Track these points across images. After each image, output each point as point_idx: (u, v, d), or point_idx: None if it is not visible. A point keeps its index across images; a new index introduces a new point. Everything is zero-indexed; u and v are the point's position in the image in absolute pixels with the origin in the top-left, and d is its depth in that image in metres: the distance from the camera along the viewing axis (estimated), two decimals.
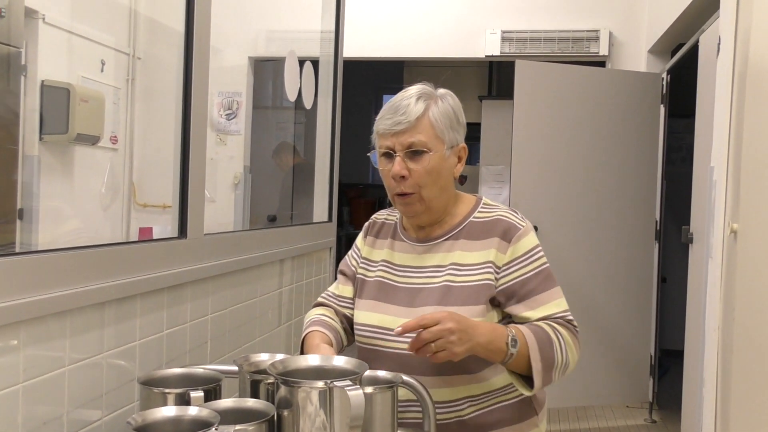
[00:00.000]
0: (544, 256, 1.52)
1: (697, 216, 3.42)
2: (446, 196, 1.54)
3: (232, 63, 4.89)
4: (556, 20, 4.86)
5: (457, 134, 1.52)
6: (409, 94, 1.51)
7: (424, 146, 1.47)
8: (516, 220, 1.53)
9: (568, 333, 1.47)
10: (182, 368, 1.50)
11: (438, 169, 1.49)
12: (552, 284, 1.50)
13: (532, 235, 1.53)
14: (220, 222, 3.82)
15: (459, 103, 1.56)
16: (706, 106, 3.30)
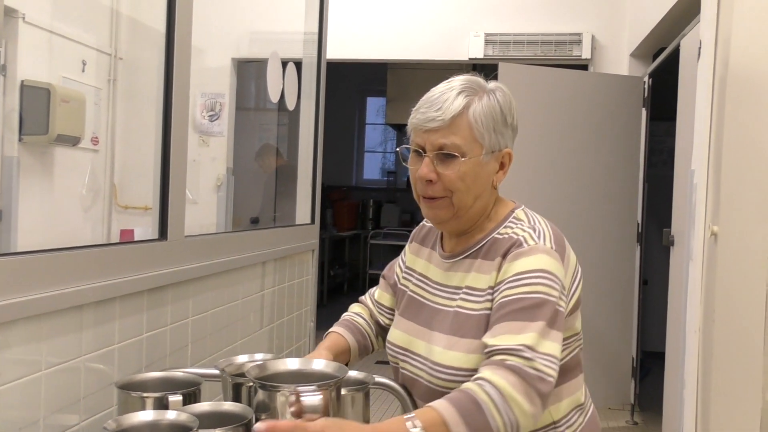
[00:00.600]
0: (545, 285, 1.23)
1: (678, 219, 3.44)
2: (480, 206, 1.34)
3: (214, 64, 4.87)
4: (539, 23, 4.88)
5: (500, 137, 1.32)
6: (451, 86, 1.31)
7: (457, 150, 1.28)
8: (527, 236, 1.29)
9: (510, 382, 1.13)
10: (161, 372, 1.49)
11: (472, 175, 1.30)
12: (532, 316, 1.20)
13: (539, 258, 1.25)
14: (203, 224, 3.80)
15: (511, 100, 1.35)
16: (687, 109, 3.32)
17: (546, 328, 1.19)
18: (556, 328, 1.21)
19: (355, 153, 9.69)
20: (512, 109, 1.34)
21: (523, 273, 1.24)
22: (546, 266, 1.24)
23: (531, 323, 1.19)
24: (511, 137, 1.36)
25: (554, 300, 1.22)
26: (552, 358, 1.18)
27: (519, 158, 4.12)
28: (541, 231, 1.30)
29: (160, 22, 1.77)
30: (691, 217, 2.86)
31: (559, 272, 1.25)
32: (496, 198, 1.39)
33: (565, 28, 4.83)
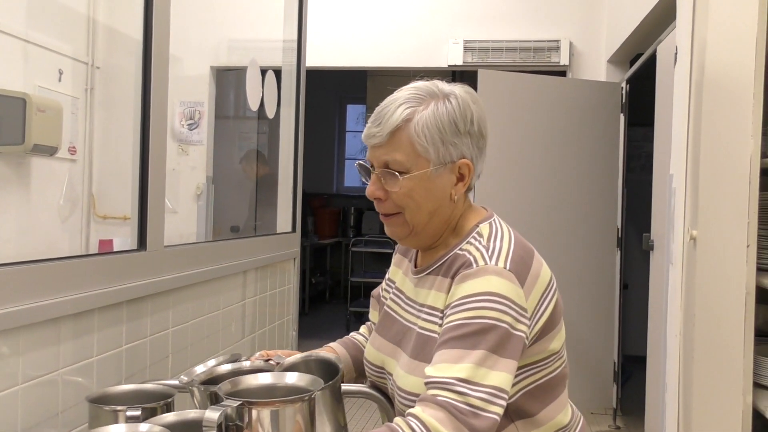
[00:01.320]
0: (492, 309, 1.11)
1: (657, 223, 3.47)
2: (439, 221, 1.26)
3: (193, 72, 4.84)
4: (517, 30, 4.91)
5: (452, 148, 1.22)
6: (395, 97, 1.24)
7: (400, 167, 1.21)
8: (478, 256, 1.18)
9: (438, 419, 1.04)
10: (136, 384, 1.46)
11: (422, 191, 1.22)
12: (473, 344, 1.09)
13: (487, 280, 1.14)
14: (183, 233, 3.76)
15: (468, 105, 1.24)
16: (665, 114, 3.35)
17: (489, 356, 1.08)
18: (507, 355, 1.10)
19: (336, 160, 9.68)
20: (471, 115, 1.23)
21: (467, 297, 1.13)
22: (495, 288, 1.13)
23: (471, 352, 1.08)
24: (471, 144, 1.24)
25: (505, 325, 1.10)
26: (493, 391, 1.07)
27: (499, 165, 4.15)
28: (497, 249, 1.18)
29: (138, 31, 1.75)
30: (670, 222, 2.88)
31: (512, 294, 1.13)
32: (465, 209, 1.30)
33: (544, 35, 4.87)
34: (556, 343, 1.26)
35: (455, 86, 1.27)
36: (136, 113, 1.74)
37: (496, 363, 1.09)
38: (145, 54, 1.69)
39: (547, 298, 1.21)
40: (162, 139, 1.73)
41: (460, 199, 1.27)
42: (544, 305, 1.20)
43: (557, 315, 1.25)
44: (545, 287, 1.21)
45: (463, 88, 1.26)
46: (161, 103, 1.73)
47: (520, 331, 1.13)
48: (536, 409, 1.24)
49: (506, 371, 1.10)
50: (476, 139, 1.26)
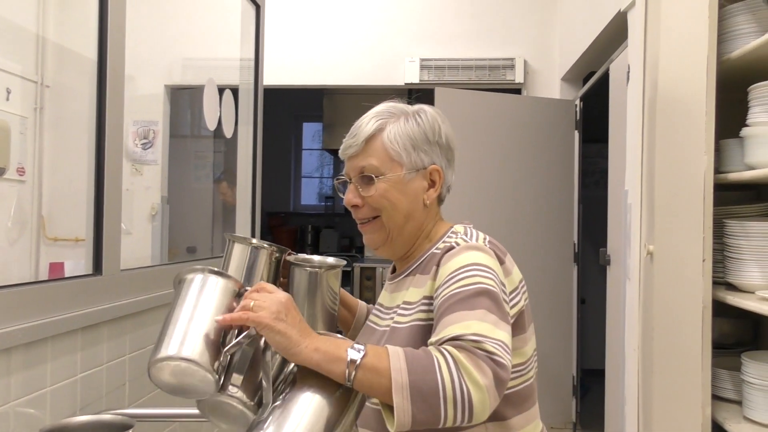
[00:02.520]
0: (479, 275, 1.16)
1: (613, 238, 3.52)
2: (414, 226, 1.34)
3: (147, 91, 4.77)
4: (473, 49, 4.96)
5: (423, 155, 1.32)
6: (367, 114, 1.36)
7: (374, 171, 1.30)
8: (459, 240, 1.27)
9: (466, 355, 1.04)
10: (92, 415, 1.41)
11: (396, 193, 1.31)
12: (472, 305, 1.11)
13: (470, 254, 1.21)
14: (137, 256, 3.67)
15: (436, 120, 1.35)
16: (618, 131, 3.41)
17: (489, 314, 1.11)
18: (503, 318, 1.13)
19: (293, 179, 9.62)
20: (438, 128, 1.35)
21: (454, 271, 1.18)
22: (479, 260, 1.20)
23: (471, 311, 1.10)
24: (441, 154, 1.35)
25: (494, 290, 1.15)
26: (501, 343, 1.08)
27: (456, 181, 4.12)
28: (475, 236, 1.30)
29: (90, 49, 1.71)
30: (626, 237, 2.92)
31: (494, 266, 1.21)
32: (437, 219, 1.39)
33: (499, 53, 4.93)
34: (528, 347, 1.31)
35: (424, 106, 1.38)
36: (90, 133, 1.69)
37: (498, 323, 1.12)
38: (100, 73, 1.65)
39: (518, 295, 1.28)
40: (118, 159, 1.69)
41: (432, 206, 1.37)
42: (516, 298, 1.27)
43: (526, 317, 1.31)
44: (517, 284, 1.29)
45: (431, 108, 1.38)
46: (117, 123, 1.68)
47: (505, 299, 1.20)
48: (510, 414, 1.26)
49: (505, 330, 1.13)
50: (445, 150, 1.36)
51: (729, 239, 2.04)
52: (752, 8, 2.04)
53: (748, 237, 1.97)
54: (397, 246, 1.36)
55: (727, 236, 2.05)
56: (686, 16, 2.16)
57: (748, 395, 1.92)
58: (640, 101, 2.62)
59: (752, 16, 2.04)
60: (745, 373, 1.93)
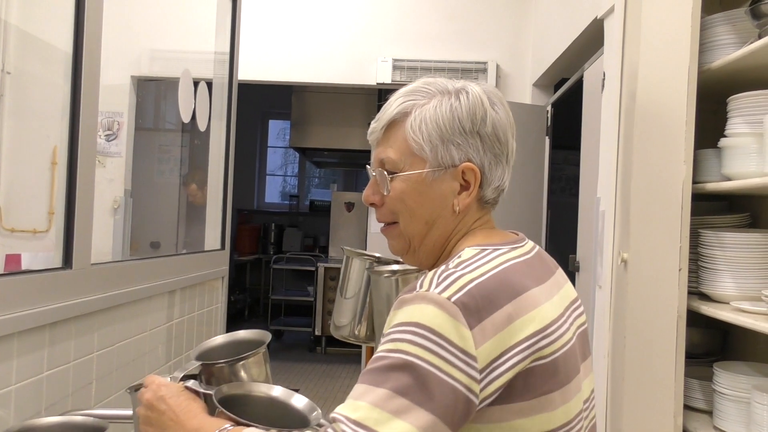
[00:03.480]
0: (411, 342, 0.89)
1: (583, 245, 3.54)
2: (439, 234, 1.09)
3: (112, 81, 4.66)
4: (446, 51, 4.96)
5: (456, 149, 1.05)
6: (398, 91, 1.11)
7: (393, 166, 1.07)
8: (427, 280, 0.95)
9: None
10: (63, 416, 1.35)
11: (415, 195, 1.07)
12: (379, 381, 0.88)
13: (419, 308, 0.91)
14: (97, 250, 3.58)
15: (481, 105, 1.06)
16: (591, 138, 3.43)
17: (394, 398, 0.86)
18: (424, 405, 0.86)
19: (257, 176, 9.53)
20: (483, 114, 1.06)
21: (393, 326, 0.92)
22: (424, 320, 0.90)
23: (374, 389, 0.87)
24: (483, 148, 1.07)
25: (426, 366, 0.87)
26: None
27: None
28: (456, 277, 0.95)
29: (56, 37, 1.65)
30: (598, 244, 2.93)
31: (448, 330, 0.89)
32: (476, 228, 1.11)
33: (471, 56, 4.93)
34: (530, 424, 0.95)
35: (474, 84, 1.10)
36: (61, 124, 1.62)
37: (405, 411, 0.85)
38: (75, 64, 1.58)
39: (519, 355, 0.93)
40: (91, 152, 1.63)
41: (468, 213, 1.10)
42: (511, 361, 0.92)
43: (538, 386, 0.95)
44: (520, 340, 0.93)
45: (481, 87, 1.10)
46: (91, 114, 1.62)
47: (455, 380, 0.88)
48: None
49: (417, 425, 0.85)
50: (490, 143, 1.07)
51: (704, 249, 2.05)
52: (732, 19, 2.06)
53: (723, 247, 1.98)
54: (422, 257, 1.12)
55: (702, 246, 2.06)
56: (667, 24, 2.18)
57: (718, 405, 1.93)
58: (615, 109, 2.63)
59: (732, 27, 2.06)
60: (717, 383, 1.94)
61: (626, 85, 2.58)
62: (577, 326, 1.10)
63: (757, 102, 1.89)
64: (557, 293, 1.07)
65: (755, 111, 1.89)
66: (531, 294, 0.97)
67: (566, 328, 1.02)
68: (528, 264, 1.05)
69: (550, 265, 1.14)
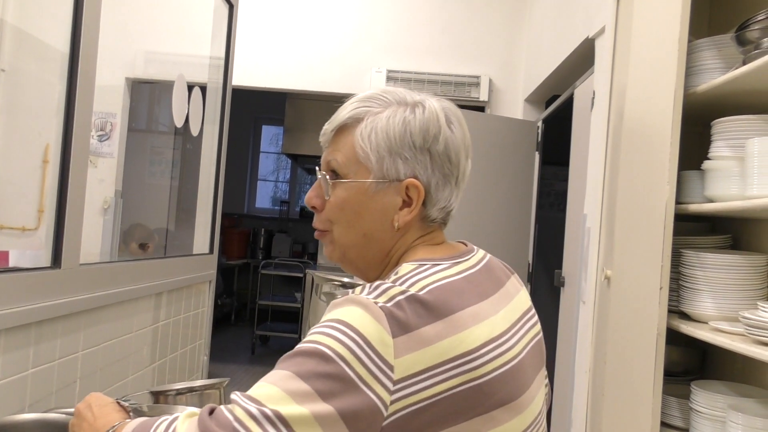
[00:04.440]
0: (329, 334, 0.85)
1: (569, 260, 3.57)
2: (378, 249, 1.05)
3: (106, 82, 4.67)
4: (440, 64, 5.00)
5: (401, 163, 1.01)
6: (355, 96, 1.08)
7: (338, 169, 1.04)
8: (361, 288, 0.93)
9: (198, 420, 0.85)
10: (38, 413, 1.36)
11: (355, 205, 1.03)
12: (287, 365, 0.85)
13: (346, 310, 0.88)
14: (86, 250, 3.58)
15: (436, 122, 1.03)
16: (579, 155, 3.47)
17: (293, 379, 0.82)
18: (319, 391, 0.82)
19: (249, 181, 9.54)
20: (434, 131, 1.02)
21: (320, 324, 0.89)
22: (347, 318, 0.87)
23: (277, 372, 0.85)
24: (432, 166, 1.02)
25: (341, 363, 0.83)
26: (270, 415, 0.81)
27: None
28: (387, 288, 0.91)
29: (54, 37, 1.67)
30: (583, 260, 2.97)
31: (371, 333, 0.85)
32: (417, 244, 1.06)
33: (465, 70, 4.97)
34: None
35: (434, 99, 1.07)
36: (54, 123, 1.64)
37: (304, 396, 0.81)
38: (72, 64, 1.60)
39: (443, 374, 0.87)
40: (84, 151, 1.65)
41: (409, 231, 1.05)
42: (433, 380, 0.86)
43: (474, 407, 0.89)
44: (450, 358, 0.88)
45: (441, 104, 1.07)
46: (85, 114, 1.64)
47: (365, 384, 0.83)
48: None
49: (314, 414, 0.81)
50: (440, 163, 1.03)
51: (685, 269, 2.08)
52: (718, 45, 2.10)
53: (703, 268, 2.01)
54: (361, 268, 1.08)
55: (683, 266, 2.09)
56: (655, 47, 2.22)
57: (695, 423, 1.96)
58: (604, 127, 2.67)
59: (718, 52, 2.10)
60: (694, 401, 1.97)
61: (614, 105, 2.62)
62: (531, 337, 1.08)
63: (739, 126, 1.93)
64: (506, 305, 1.04)
65: (738, 135, 1.92)
66: (466, 313, 0.93)
67: (516, 340, 1.00)
68: (469, 280, 1.00)
69: (500, 276, 1.11)
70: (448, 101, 1.09)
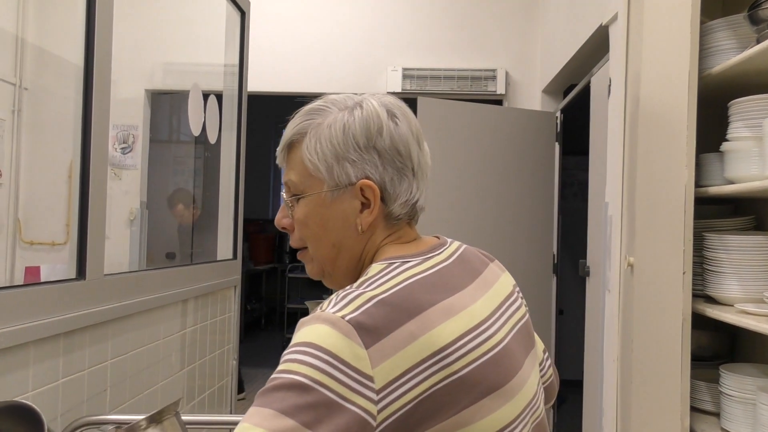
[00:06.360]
0: (301, 362, 0.83)
1: (593, 250, 3.55)
2: (349, 256, 1.05)
3: (127, 95, 4.74)
4: (455, 59, 5.00)
5: (350, 166, 1.01)
6: (302, 109, 1.07)
7: (295, 189, 1.04)
8: (329, 301, 0.91)
9: None
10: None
11: (317, 217, 1.03)
12: (266, 402, 0.82)
13: (313, 329, 0.86)
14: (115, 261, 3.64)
15: (376, 119, 1.02)
16: (599, 144, 3.45)
17: (277, 417, 0.80)
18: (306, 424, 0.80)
19: (272, 186, 9.61)
20: (375, 127, 1.02)
21: (289, 348, 0.88)
22: (316, 339, 0.85)
23: (260, 410, 0.82)
24: (382, 163, 1.02)
25: (316, 387, 0.82)
26: None
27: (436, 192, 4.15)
28: (355, 296, 0.89)
29: (70, 52, 1.70)
30: (606, 249, 2.95)
31: (341, 350, 0.84)
32: (385, 244, 1.05)
33: (481, 64, 4.97)
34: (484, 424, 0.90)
35: (373, 96, 1.07)
36: (75, 137, 1.68)
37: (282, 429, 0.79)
38: (87, 78, 1.64)
39: (425, 372, 0.86)
40: (103, 163, 1.68)
41: (376, 231, 1.05)
42: (415, 380, 0.86)
43: (458, 400, 0.89)
44: (426, 356, 0.87)
45: (380, 99, 1.06)
46: (102, 127, 1.67)
47: (349, 401, 0.82)
48: None
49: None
50: (390, 158, 1.02)
51: (708, 252, 2.07)
52: (732, 25, 2.08)
53: (727, 250, 2.00)
54: (340, 280, 1.07)
55: (706, 249, 2.08)
56: (668, 31, 2.20)
57: (725, 407, 1.94)
58: (621, 114, 2.65)
59: (732, 32, 2.08)
60: (723, 385, 1.96)
61: (630, 91, 2.60)
62: (516, 320, 1.08)
63: (757, 106, 1.91)
64: (486, 293, 1.04)
65: (755, 115, 1.91)
66: (438, 308, 0.92)
67: (499, 326, 1.00)
68: (441, 274, 0.99)
69: (476, 265, 1.10)
70: (391, 96, 1.09)
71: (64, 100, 3.07)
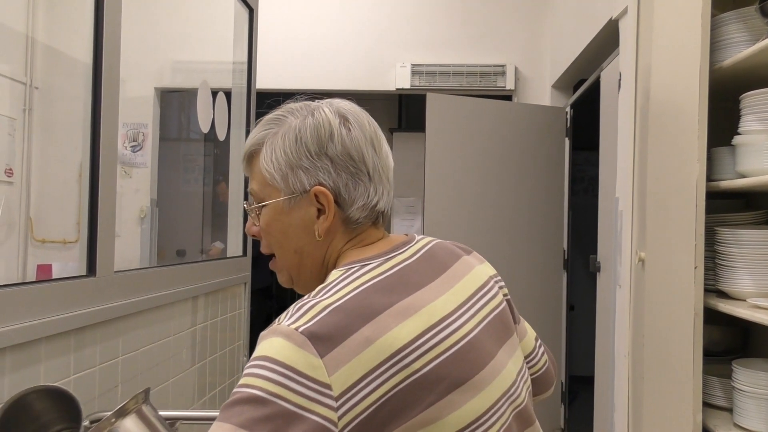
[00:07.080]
0: (258, 376, 0.85)
1: (603, 245, 3.54)
2: (311, 263, 1.07)
3: (136, 93, 4.76)
4: (464, 55, 4.99)
5: (303, 173, 1.03)
6: (263, 118, 1.10)
7: (256, 198, 1.07)
8: (286, 313, 0.91)
9: None
10: None
11: (278, 226, 1.06)
12: (227, 416, 0.84)
13: (270, 342, 0.87)
14: (126, 258, 3.66)
15: (327, 125, 1.04)
16: (609, 139, 3.43)
17: (229, 429, 0.82)
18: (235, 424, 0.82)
19: None
20: (326, 134, 1.03)
21: (248, 363, 0.89)
22: (271, 353, 0.86)
23: (221, 425, 0.83)
24: (334, 169, 1.03)
25: (273, 399, 0.83)
26: None
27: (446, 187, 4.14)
28: (309, 306, 0.90)
29: (80, 51, 1.71)
30: (617, 244, 2.94)
31: (296, 361, 0.85)
32: (347, 249, 1.07)
33: (490, 60, 4.95)
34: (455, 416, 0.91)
35: (327, 103, 1.09)
36: (84, 135, 1.68)
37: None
38: (95, 76, 1.64)
39: (384, 374, 0.87)
40: (112, 161, 1.68)
41: (335, 237, 1.06)
42: (374, 383, 0.86)
43: (422, 399, 0.89)
44: (383, 359, 0.88)
45: (335, 105, 1.09)
46: (112, 125, 1.68)
47: (308, 411, 0.83)
48: None
49: None
50: (342, 163, 1.03)
51: (720, 247, 2.05)
52: (744, 17, 2.06)
53: (739, 245, 1.98)
54: (308, 286, 1.08)
55: (718, 244, 2.06)
56: (678, 24, 2.18)
57: (738, 402, 1.93)
58: (631, 109, 2.63)
59: (744, 25, 2.07)
60: (736, 380, 1.94)
61: (640, 85, 2.58)
62: (489, 310, 1.08)
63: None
64: (452, 287, 1.04)
65: (767, 108, 1.89)
66: (395, 310, 0.92)
67: (466, 319, 1.00)
68: (401, 273, 1.00)
69: (445, 260, 1.09)
70: (346, 101, 1.10)
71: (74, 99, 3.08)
